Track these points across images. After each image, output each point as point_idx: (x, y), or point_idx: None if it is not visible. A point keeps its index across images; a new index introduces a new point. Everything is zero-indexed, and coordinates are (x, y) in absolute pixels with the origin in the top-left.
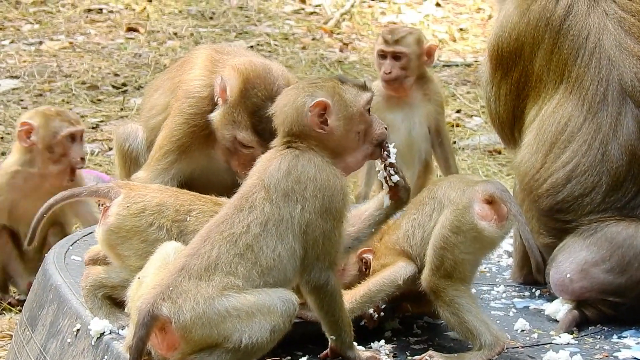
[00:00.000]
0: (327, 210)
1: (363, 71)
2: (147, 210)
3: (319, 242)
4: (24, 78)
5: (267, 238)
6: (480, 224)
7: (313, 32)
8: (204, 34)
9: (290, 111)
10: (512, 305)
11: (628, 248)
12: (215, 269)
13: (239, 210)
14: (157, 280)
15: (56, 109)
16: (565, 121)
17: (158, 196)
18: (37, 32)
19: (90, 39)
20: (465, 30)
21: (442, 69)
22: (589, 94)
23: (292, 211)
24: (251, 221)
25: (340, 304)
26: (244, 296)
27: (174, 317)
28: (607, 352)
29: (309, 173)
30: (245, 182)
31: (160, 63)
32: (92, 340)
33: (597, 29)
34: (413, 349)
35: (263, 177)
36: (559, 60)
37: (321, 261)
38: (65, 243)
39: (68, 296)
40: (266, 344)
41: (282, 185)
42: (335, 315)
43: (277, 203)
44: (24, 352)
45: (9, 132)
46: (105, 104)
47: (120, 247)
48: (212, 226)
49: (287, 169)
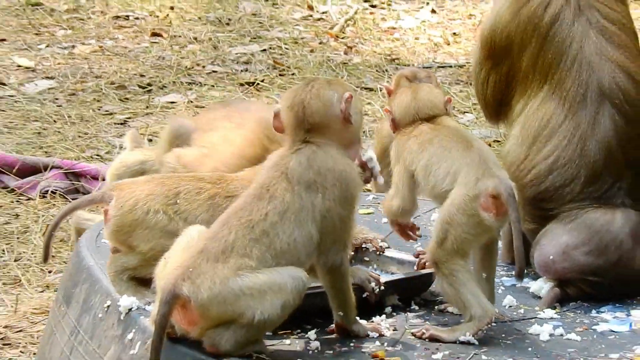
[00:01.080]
0: (345, 198)
1: (366, 71)
2: (139, 203)
3: (337, 227)
4: (58, 79)
5: (285, 225)
6: (482, 214)
7: (320, 36)
8: (221, 38)
9: (317, 104)
10: (501, 283)
11: (605, 233)
12: (231, 251)
13: (258, 199)
14: (179, 261)
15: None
16: (547, 118)
17: (146, 188)
18: (70, 37)
19: (118, 43)
20: (458, 35)
21: (437, 69)
22: (569, 95)
23: (313, 200)
24: (270, 210)
25: (349, 283)
26: (256, 276)
27: (193, 296)
28: (586, 325)
29: (327, 164)
30: (263, 174)
31: (182, 65)
32: (121, 315)
33: (580, 37)
34: (411, 323)
35: (285, 171)
36: (544, 63)
37: (337, 244)
38: (96, 228)
39: (99, 276)
40: (277, 319)
41: (304, 178)
42: (345, 293)
43: (299, 194)
44: (59, 327)
45: (45, 127)
46: (132, 102)
47: (128, 240)
48: (231, 213)
49: (307, 162)
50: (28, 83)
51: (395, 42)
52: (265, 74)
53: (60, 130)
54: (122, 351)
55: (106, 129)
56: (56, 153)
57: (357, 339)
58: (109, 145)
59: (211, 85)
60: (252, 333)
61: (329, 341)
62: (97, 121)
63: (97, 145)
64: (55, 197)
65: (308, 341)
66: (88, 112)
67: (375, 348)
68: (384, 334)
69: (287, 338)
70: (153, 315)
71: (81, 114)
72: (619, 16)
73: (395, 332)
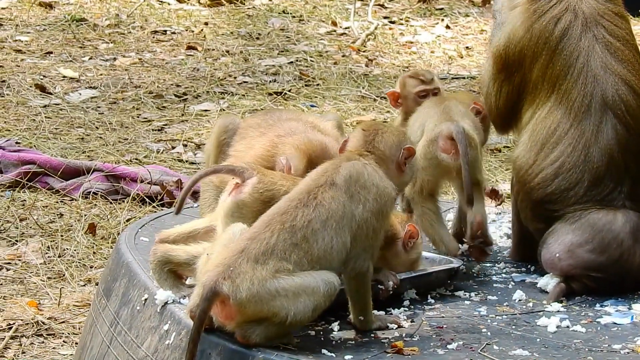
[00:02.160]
0: (380, 212)
1: (385, 82)
2: (275, 200)
3: (369, 237)
4: (100, 88)
5: (324, 233)
6: (441, 156)
7: (343, 50)
8: (252, 51)
9: (390, 137)
10: (511, 279)
11: (607, 232)
12: (271, 254)
13: (304, 205)
14: (221, 258)
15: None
16: (554, 126)
17: (286, 184)
18: (111, 50)
19: (156, 56)
20: (470, 49)
21: (451, 80)
22: (575, 105)
23: (354, 210)
24: (314, 217)
25: (370, 290)
26: (292, 279)
27: (232, 295)
28: (591, 318)
29: (374, 180)
30: (311, 179)
31: (215, 76)
32: (158, 308)
33: (587, 51)
34: (427, 315)
35: (334, 178)
36: (552, 74)
37: (365, 252)
38: (135, 226)
39: (137, 271)
40: (307, 319)
41: (351, 188)
42: (367, 299)
43: (343, 202)
44: (100, 318)
45: (88, 133)
46: (168, 110)
47: (235, 220)
48: (275, 215)
49: (357, 174)
50: (72, 92)
51: (413, 55)
52: (292, 85)
53: (102, 136)
54: (158, 341)
55: (144, 135)
56: (98, 157)
57: (378, 330)
58: (147, 149)
59: (242, 94)
60: (282, 329)
61: (351, 332)
62: (136, 128)
63: (136, 150)
64: (97, 197)
65: (331, 332)
66: (128, 119)
67: (394, 339)
68: (403, 326)
69: (311, 329)
70: (189, 307)
71: (121, 121)
72: (622, 32)
73: (412, 324)
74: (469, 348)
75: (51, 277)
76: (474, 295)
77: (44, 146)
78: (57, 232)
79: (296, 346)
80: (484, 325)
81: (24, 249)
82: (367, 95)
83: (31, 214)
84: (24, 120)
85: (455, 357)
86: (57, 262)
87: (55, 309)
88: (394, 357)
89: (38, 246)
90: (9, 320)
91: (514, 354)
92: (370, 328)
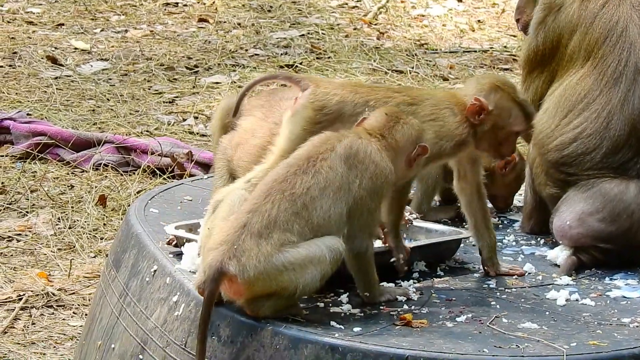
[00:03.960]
0: (375, 191)
1: (396, 55)
2: (326, 109)
3: (364, 217)
4: (112, 60)
5: (323, 201)
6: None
7: (354, 23)
8: (263, 24)
9: (407, 129)
10: (521, 251)
11: (618, 202)
12: (274, 227)
13: (303, 172)
14: (223, 235)
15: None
16: (585, 93)
17: (339, 93)
18: (123, 22)
19: (168, 28)
20: (482, 22)
21: (462, 54)
22: (608, 71)
23: (351, 183)
24: (312, 184)
25: (373, 266)
26: (297, 251)
27: (239, 274)
28: (600, 291)
29: (374, 158)
30: (312, 146)
31: (226, 48)
32: (167, 279)
33: (626, 18)
34: (437, 287)
35: (335, 147)
36: (591, 41)
37: (363, 232)
38: (145, 198)
39: (147, 242)
40: (315, 288)
41: (350, 160)
42: (370, 276)
43: (341, 173)
44: (109, 289)
45: (99, 105)
46: (179, 83)
47: (297, 131)
48: (274, 184)
49: (357, 148)
50: (84, 64)
51: (424, 29)
52: (303, 57)
53: (113, 108)
54: (167, 313)
55: (155, 107)
56: (109, 129)
57: (387, 302)
58: (157, 121)
59: (253, 67)
60: (291, 301)
61: (360, 304)
62: (147, 100)
63: (147, 122)
64: (107, 169)
65: (340, 304)
66: (139, 91)
67: (403, 311)
68: (412, 298)
69: (320, 301)
70: (197, 283)
71: (132, 93)
72: None
73: (421, 296)
74: (477, 321)
75: (61, 249)
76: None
77: (55, 118)
78: (67, 203)
79: (305, 318)
80: (493, 298)
81: (35, 220)
82: (378, 68)
83: (42, 185)
84: (35, 92)
85: (464, 329)
86: (68, 233)
87: (65, 280)
88: (402, 329)
89: (48, 217)
90: (19, 292)
91: (523, 327)
92: (378, 301)
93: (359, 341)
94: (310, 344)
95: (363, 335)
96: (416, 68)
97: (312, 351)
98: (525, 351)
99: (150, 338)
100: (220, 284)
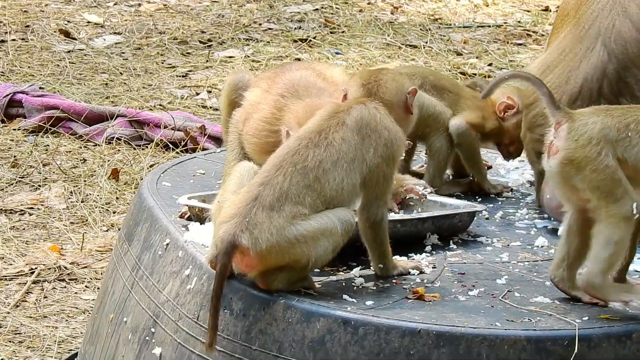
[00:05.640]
0: (391, 157)
1: (410, 30)
2: (594, 140)
3: (380, 183)
4: (125, 34)
5: (335, 173)
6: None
7: None
8: None
9: (392, 84)
10: (534, 225)
11: None
12: (286, 199)
13: (315, 145)
14: (235, 208)
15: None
16: (559, 52)
17: (599, 121)
18: None
19: (181, 2)
20: None
21: (476, 29)
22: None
23: (365, 153)
24: (325, 157)
25: (387, 237)
26: (309, 223)
27: (251, 247)
28: None
29: (385, 124)
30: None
31: (240, 22)
32: (179, 252)
33: None
34: (449, 261)
35: (345, 119)
36: (577, 1)
37: (378, 200)
38: (157, 171)
39: (159, 216)
40: (327, 260)
41: (362, 131)
42: (385, 246)
43: (354, 145)
44: (122, 263)
45: (112, 79)
46: (193, 57)
47: (573, 179)
48: (286, 156)
49: (369, 116)
50: (97, 38)
51: (438, 3)
52: (317, 32)
53: (126, 82)
54: (179, 286)
55: (168, 81)
56: (122, 102)
57: (399, 276)
58: (170, 95)
59: (267, 41)
60: (303, 274)
61: (372, 278)
62: (160, 74)
63: (160, 96)
64: (120, 143)
65: (352, 278)
66: (152, 65)
67: (415, 285)
68: (424, 272)
69: (333, 274)
70: (209, 257)
71: (145, 67)
72: None
73: (434, 269)
74: (490, 295)
75: (74, 222)
76: (496, 242)
77: (67, 91)
78: (80, 177)
79: (317, 291)
80: (505, 272)
81: (47, 194)
82: (392, 43)
83: (54, 159)
84: (48, 65)
85: (477, 303)
86: (80, 207)
87: (78, 254)
88: (415, 303)
89: (61, 191)
90: (32, 265)
91: (535, 301)
92: (391, 274)
93: (371, 315)
94: (322, 317)
95: (375, 308)
96: (430, 43)
97: (324, 325)
98: (537, 325)
99: (163, 311)
100: (232, 257)
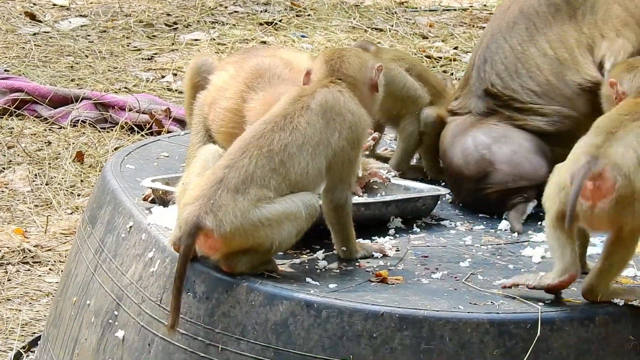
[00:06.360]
0: (356, 140)
1: (376, 13)
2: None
3: (344, 167)
4: (91, 17)
5: (301, 157)
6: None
7: None
8: None
9: (355, 60)
10: None
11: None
12: (251, 182)
13: (280, 129)
14: (199, 190)
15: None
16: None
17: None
18: None
19: None
20: None
21: (442, 12)
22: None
23: (330, 137)
24: (290, 141)
25: (351, 220)
26: (273, 207)
27: (216, 229)
28: None
29: (349, 107)
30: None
31: (206, 5)
32: (142, 235)
33: None
34: (413, 244)
35: (309, 103)
36: None
37: (342, 183)
38: (121, 154)
39: (123, 198)
40: (291, 244)
41: (327, 114)
42: (348, 229)
43: (319, 128)
44: (85, 245)
45: (77, 62)
46: (159, 39)
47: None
48: (252, 140)
49: (333, 100)
50: (62, 20)
51: None
52: (283, 15)
53: (92, 65)
54: (142, 269)
55: (134, 64)
56: (87, 85)
57: (363, 259)
58: (136, 78)
59: (233, 24)
60: (267, 257)
61: (336, 260)
62: (125, 56)
63: (126, 79)
64: (85, 126)
65: (316, 260)
66: (118, 48)
67: (378, 267)
68: (388, 255)
69: (297, 257)
70: (172, 239)
71: (111, 50)
72: None
73: (397, 252)
74: (453, 277)
75: (38, 205)
76: (460, 225)
77: (33, 74)
78: (44, 160)
79: (280, 274)
80: (468, 255)
81: (11, 176)
82: (358, 26)
83: (19, 141)
84: (13, 48)
85: (440, 286)
86: (44, 190)
87: (42, 236)
88: (378, 286)
89: (25, 174)
90: None
91: (498, 283)
92: (355, 257)
93: (334, 297)
94: (285, 300)
95: (338, 291)
96: (396, 26)
97: (287, 307)
98: (500, 308)
99: (126, 294)
100: (196, 238)
